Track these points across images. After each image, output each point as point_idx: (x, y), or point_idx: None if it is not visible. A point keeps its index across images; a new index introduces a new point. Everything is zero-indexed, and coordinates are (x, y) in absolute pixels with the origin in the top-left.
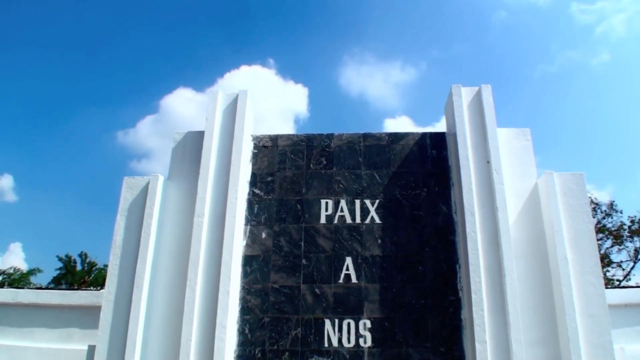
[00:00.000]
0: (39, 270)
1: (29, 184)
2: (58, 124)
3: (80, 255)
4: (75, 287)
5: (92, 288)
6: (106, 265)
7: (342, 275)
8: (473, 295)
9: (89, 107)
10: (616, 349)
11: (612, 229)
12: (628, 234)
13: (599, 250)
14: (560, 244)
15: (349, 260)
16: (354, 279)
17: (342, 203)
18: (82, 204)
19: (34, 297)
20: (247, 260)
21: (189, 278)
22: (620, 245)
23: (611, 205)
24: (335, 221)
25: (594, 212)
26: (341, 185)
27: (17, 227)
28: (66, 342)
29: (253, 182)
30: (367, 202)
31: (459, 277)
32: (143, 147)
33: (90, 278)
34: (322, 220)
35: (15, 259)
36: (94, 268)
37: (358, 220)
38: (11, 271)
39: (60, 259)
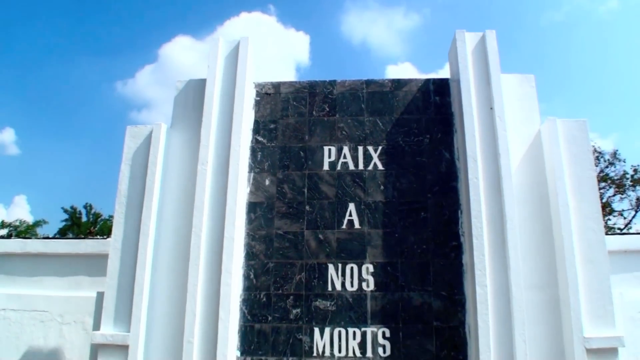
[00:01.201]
0: (45, 222)
1: (31, 136)
2: (56, 76)
3: (85, 207)
4: (82, 237)
5: (98, 237)
6: (111, 216)
7: (345, 221)
8: (474, 241)
9: (87, 58)
10: (615, 294)
11: (615, 177)
12: (630, 183)
13: (601, 199)
14: (561, 190)
15: (352, 207)
16: (357, 225)
17: (345, 150)
18: (85, 156)
19: (41, 246)
20: (251, 207)
21: (194, 225)
22: (622, 194)
23: (614, 154)
24: (338, 168)
25: (597, 161)
26: (344, 132)
27: (20, 179)
28: (75, 289)
29: (256, 130)
30: (370, 148)
31: (461, 222)
32: (143, 97)
33: (96, 229)
34: (325, 167)
35: (21, 211)
36: (99, 219)
37: (361, 166)
38: (17, 223)
39: (65, 211)
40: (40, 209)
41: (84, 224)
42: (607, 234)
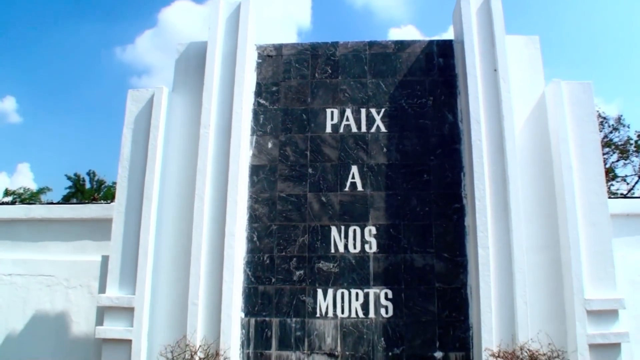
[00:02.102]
0: (49, 189)
1: (32, 104)
2: (54, 43)
3: (88, 174)
4: (86, 202)
5: (102, 202)
6: (115, 183)
7: (348, 184)
8: (477, 203)
9: (85, 24)
10: (617, 257)
11: (619, 143)
12: (634, 149)
13: (604, 164)
14: (565, 152)
15: (354, 169)
16: (359, 187)
17: (348, 112)
18: (87, 123)
19: (46, 212)
20: (254, 170)
21: (197, 188)
22: (625, 160)
23: (619, 120)
24: (341, 130)
25: (601, 127)
26: (347, 94)
27: (23, 148)
28: (80, 254)
29: (258, 92)
30: (373, 110)
31: (464, 185)
32: (143, 63)
33: (100, 196)
34: (328, 129)
35: (24, 179)
36: (102, 186)
37: (364, 129)
38: (21, 191)
39: (69, 178)
40: (43, 176)
41: (88, 191)
42: (609, 198)
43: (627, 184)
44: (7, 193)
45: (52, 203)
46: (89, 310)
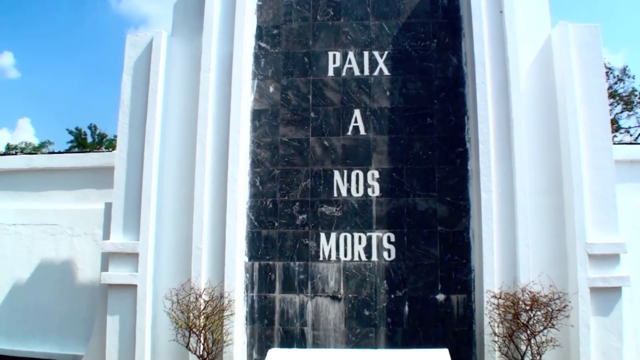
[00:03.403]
0: (50, 143)
1: (29, 59)
2: None
3: (90, 128)
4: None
5: (104, 150)
6: (116, 136)
7: (351, 128)
8: (480, 146)
9: None
10: (620, 203)
11: (624, 94)
12: (639, 100)
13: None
14: (570, 96)
15: (357, 113)
16: (362, 131)
17: (350, 55)
18: (85, 76)
19: (47, 161)
20: (256, 115)
21: (198, 133)
22: (630, 111)
23: (624, 70)
24: (344, 73)
25: (606, 77)
26: (349, 37)
27: (23, 102)
28: (83, 202)
29: (259, 36)
30: (376, 53)
31: (467, 129)
32: (139, 14)
33: (102, 149)
34: (330, 72)
35: (25, 134)
36: (104, 139)
37: (366, 72)
38: (23, 146)
39: (70, 132)
40: (44, 131)
41: (90, 145)
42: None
43: (631, 135)
44: (8, 148)
45: (53, 152)
46: (94, 258)
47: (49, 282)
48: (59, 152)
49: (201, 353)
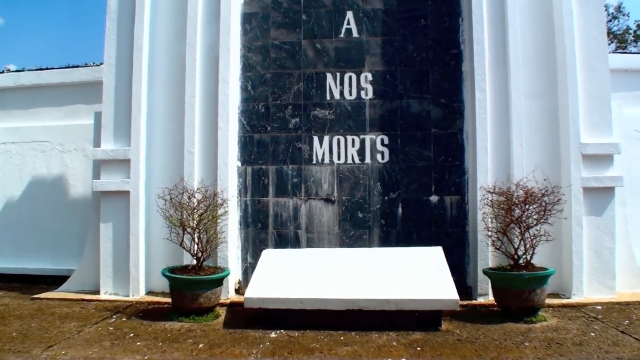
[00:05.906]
0: None
1: (12, 3)
2: None
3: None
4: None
5: (92, 65)
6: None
7: (343, 30)
8: (475, 46)
9: None
10: (614, 106)
11: (617, 32)
12: (633, 38)
13: None
14: None
15: (350, 15)
16: (355, 33)
17: None
18: (70, 17)
19: (35, 77)
20: (246, 18)
21: (187, 36)
22: (623, 50)
23: (618, 8)
24: None
25: None
26: None
27: (9, 48)
28: (73, 118)
29: None
30: None
31: (462, 30)
32: None
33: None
34: None
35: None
36: None
37: None
38: None
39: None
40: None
41: None
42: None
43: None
44: None
45: (41, 69)
46: (85, 173)
47: (41, 199)
48: (47, 68)
49: (195, 252)
